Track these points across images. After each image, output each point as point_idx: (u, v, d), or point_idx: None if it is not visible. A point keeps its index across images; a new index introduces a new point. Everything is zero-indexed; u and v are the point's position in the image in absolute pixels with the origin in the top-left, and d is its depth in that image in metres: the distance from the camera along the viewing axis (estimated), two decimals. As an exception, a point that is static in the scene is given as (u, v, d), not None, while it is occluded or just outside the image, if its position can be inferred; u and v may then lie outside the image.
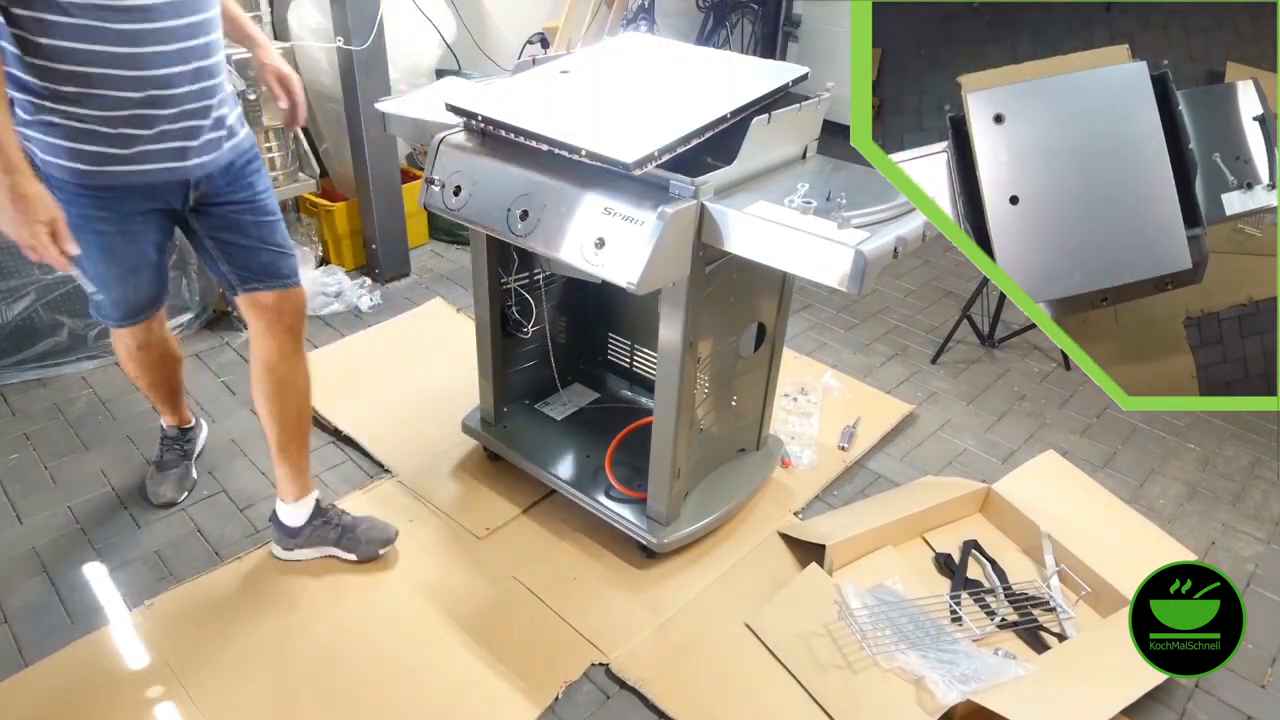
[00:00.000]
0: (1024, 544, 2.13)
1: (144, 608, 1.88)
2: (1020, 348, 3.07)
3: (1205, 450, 2.60)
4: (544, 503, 2.22)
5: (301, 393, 1.88)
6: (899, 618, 1.86)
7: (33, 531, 2.09)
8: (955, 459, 2.52)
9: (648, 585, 1.99)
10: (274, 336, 1.79)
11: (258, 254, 1.75)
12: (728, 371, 1.99)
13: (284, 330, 1.80)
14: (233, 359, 2.81)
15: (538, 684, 1.75)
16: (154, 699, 1.70)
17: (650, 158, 1.55)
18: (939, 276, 3.60)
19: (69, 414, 2.51)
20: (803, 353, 2.99)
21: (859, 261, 1.42)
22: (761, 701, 1.73)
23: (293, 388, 1.85)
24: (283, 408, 1.85)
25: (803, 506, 2.27)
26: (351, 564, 2.01)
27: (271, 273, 1.77)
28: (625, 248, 1.55)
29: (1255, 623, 1.96)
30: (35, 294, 2.56)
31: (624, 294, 1.64)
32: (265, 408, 1.85)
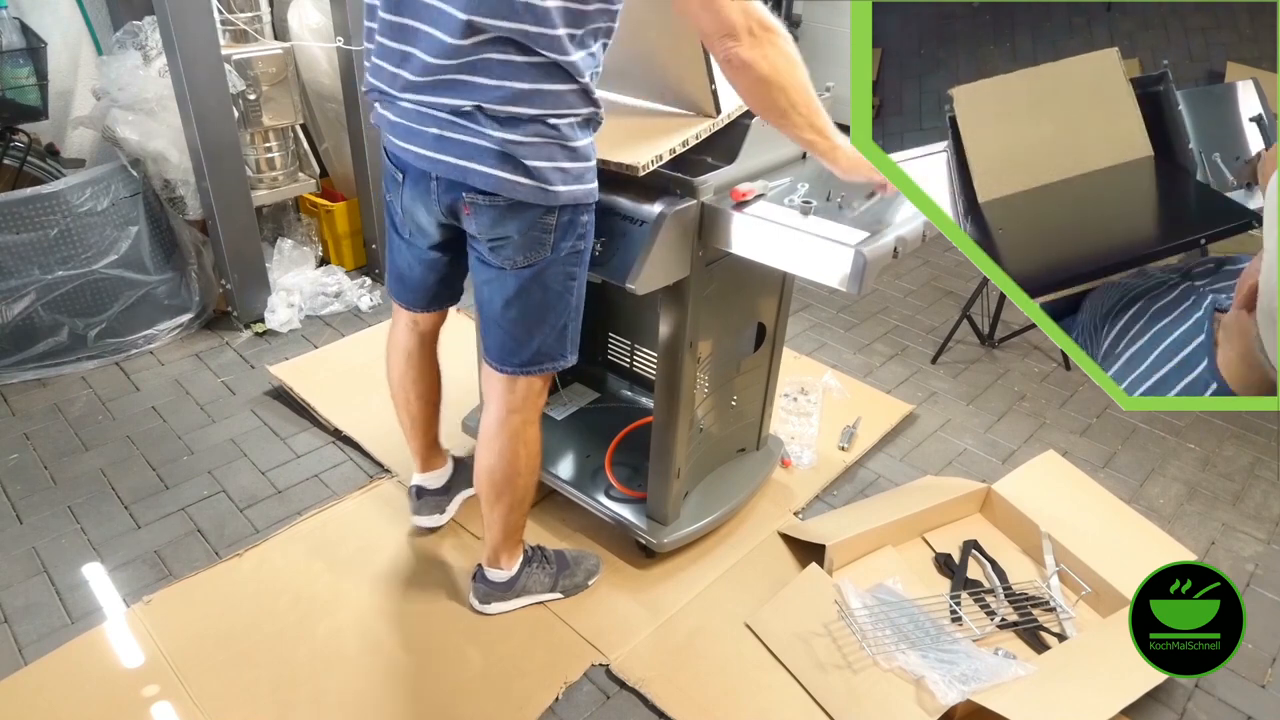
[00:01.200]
0: (1024, 544, 2.13)
1: (143, 604, 1.88)
2: (1020, 348, 3.07)
3: (1205, 450, 2.60)
4: (544, 503, 2.22)
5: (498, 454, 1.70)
6: (899, 618, 1.86)
7: (33, 531, 2.09)
8: (955, 459, 2.52)
9: (648, 585, 1.99)
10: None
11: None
12: (728, 371, 1.99)
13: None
14: (233, 359, 2.81)
15: (538, 684, 1.75)
16: (153, 697, 1.70)
17: (657, 159, 1.56)
18: (939, 276, 3.60)
19: (69, 414, 2.51)
20: (803, 353, 2.99)
21: (859, 261, 1.42)
22: (761, 701, 1.73)
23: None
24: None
25: (803, 506, 2.27)
26: (352, 564, 2.02)
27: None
28: (625, 248, 1.55)
29: (1255, 623, 1.96)
30: (35, 294, 2.56)
31: (624, 294, 1.63)
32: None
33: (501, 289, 1.52)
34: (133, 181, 2.71)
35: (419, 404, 1.92)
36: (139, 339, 2.80)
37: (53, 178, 2.79)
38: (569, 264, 1.51)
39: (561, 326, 1.57)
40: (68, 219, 2.55)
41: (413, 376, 1.89)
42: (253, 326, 2.95)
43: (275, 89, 2.86)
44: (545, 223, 1.45)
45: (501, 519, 1.77)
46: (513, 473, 1.70)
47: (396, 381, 1.90)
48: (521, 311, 1.53)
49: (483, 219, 1.45)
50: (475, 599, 1.90)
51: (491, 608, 1.90)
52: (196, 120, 2.58)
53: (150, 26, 2.69)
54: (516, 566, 1.87)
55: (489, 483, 1.72)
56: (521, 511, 1.79)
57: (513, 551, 1.86)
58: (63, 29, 2.97)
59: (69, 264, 2.58)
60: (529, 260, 1.48)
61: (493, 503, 1.75)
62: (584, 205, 1.48)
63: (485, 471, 1.71)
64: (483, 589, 1.88)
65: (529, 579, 1.89)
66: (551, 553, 1.95)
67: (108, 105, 2.70)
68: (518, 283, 1.50)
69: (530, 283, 1.50)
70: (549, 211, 1.44)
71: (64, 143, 3.05)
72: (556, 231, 1.46)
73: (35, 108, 2.78)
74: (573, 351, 1.63)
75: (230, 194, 2.76)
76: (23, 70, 2.71)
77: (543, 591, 1.92)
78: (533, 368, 1.60)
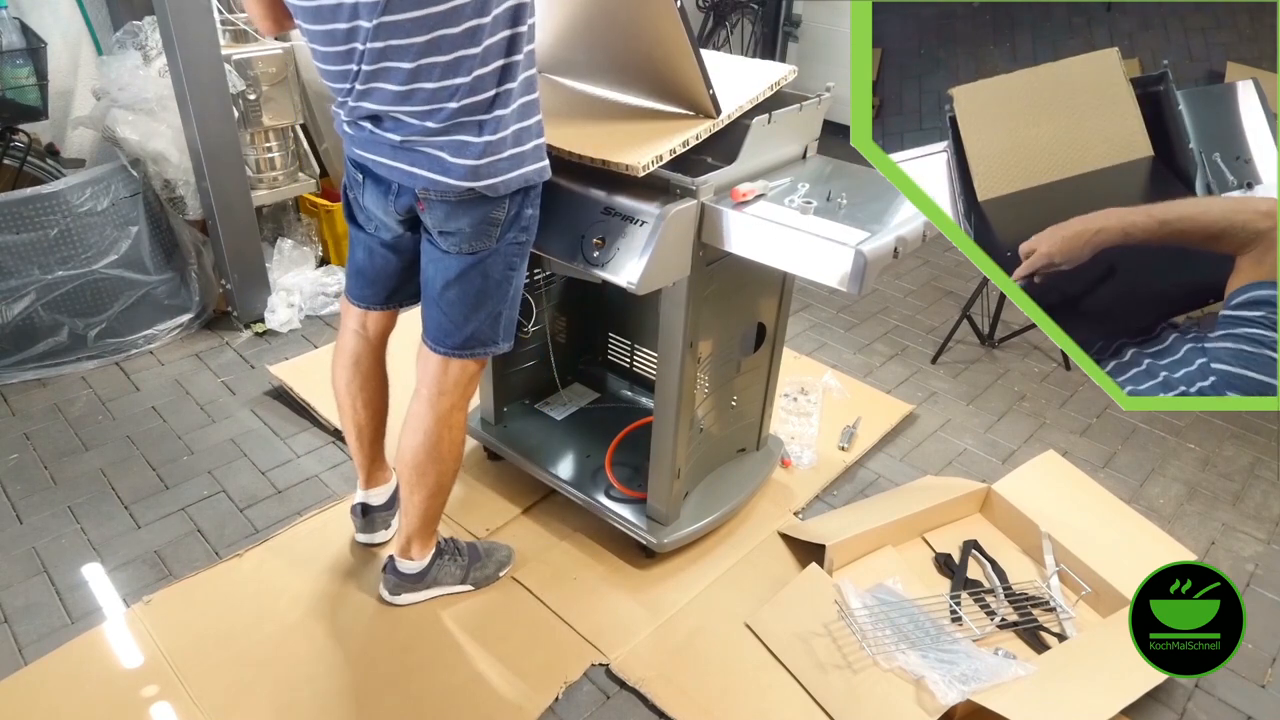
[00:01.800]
0: (1024, 544, 2.13)
1: (143, 604, 1.88)
2: (1020, 348, 3.07)
3: (1205, 450, 2.60)
4: (544, 503, 2.22)
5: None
6: (899, 618, 1.86)
7: (33, 531, 2.09)
8: (955, 459, 2.52)
9: (648, 585, 1.99)
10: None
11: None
12: (728, 371, 1.99)
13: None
14: (233, 359, 2.81)
15: (538, 684, 1.75)
16: (153, 697, 1.70)
17: (657, 159, 1.56)
18: (939, 276, 3.60)
19: (69, 414, 2.51)
20: (803, 353, 2.99)
21: (859, 261, 1.42)
22: (761, 701, 1.73)
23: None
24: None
25: (803, 506, 2.27)
26: (352, 564, 2.02)
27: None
28: (625, 248, 1.55)
29: (1255, 623, 1.96)
30: (35, 294, 2.56)
31: (624, 294, 1.64)
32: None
33: (444, 271, 1.58)
34: (133, 181, 2.70)
35: (365, 413, 1.91)
36: (139, 339, 2.80)
37: (53, 178, 2.79)
38: (511, 254, 1.58)
39: (496, 314, 1.63)
40: (68, 219, 2.55)
41: (359, 384, 1.88)
42: (253, 326, 2.95)
43: (275, 89, 2.86)
44: (495, 215, 1.51)
45: (420, 505, 1.78)
46: (436, 456, 1.72)
47: (342, 389, 1.89)
48: (460, 295, 1.59)
49: (437, 213, 1.52)
50: (385, 590, 1.91)
51: (402, 599, 1.91)
52: (196, 120, 2.58)
53: (150, 26, 2.69)
54: (428, 558, 1.88)
55: (412, 464, 1.73)
56: (440, 500, 1.81)
57: (425, 542, 1.87)
58: (63, 29, 2.97)
59: (69, 264, 2.58)
60: (474, 249, 1.54)
61: (413, 485, 1.76)
62: (530, 197, 1.54)
63: (409, 452, 1.73)
64: (393, 580, 1.90)
65: (440, 570, 1.91)
66: (464, 545, 1.97)
67: (108, 105, 2.70)
68: (460, 268, 1.56)
69: (472, 269, 1.56)
70: (498, 204, 1.49)
71: (64, 143, 3.05)
72: (504, 224, 1.53)
73: (35, 108, 2.78)
74: (506, 339, 1.68)
75: (230, 194, 2.76)
76: (23, 70, 2.71)
77: (453, 583, 1.94)
78: (466, 351, 1.64)
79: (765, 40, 5.15)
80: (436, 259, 1.59)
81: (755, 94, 1.74)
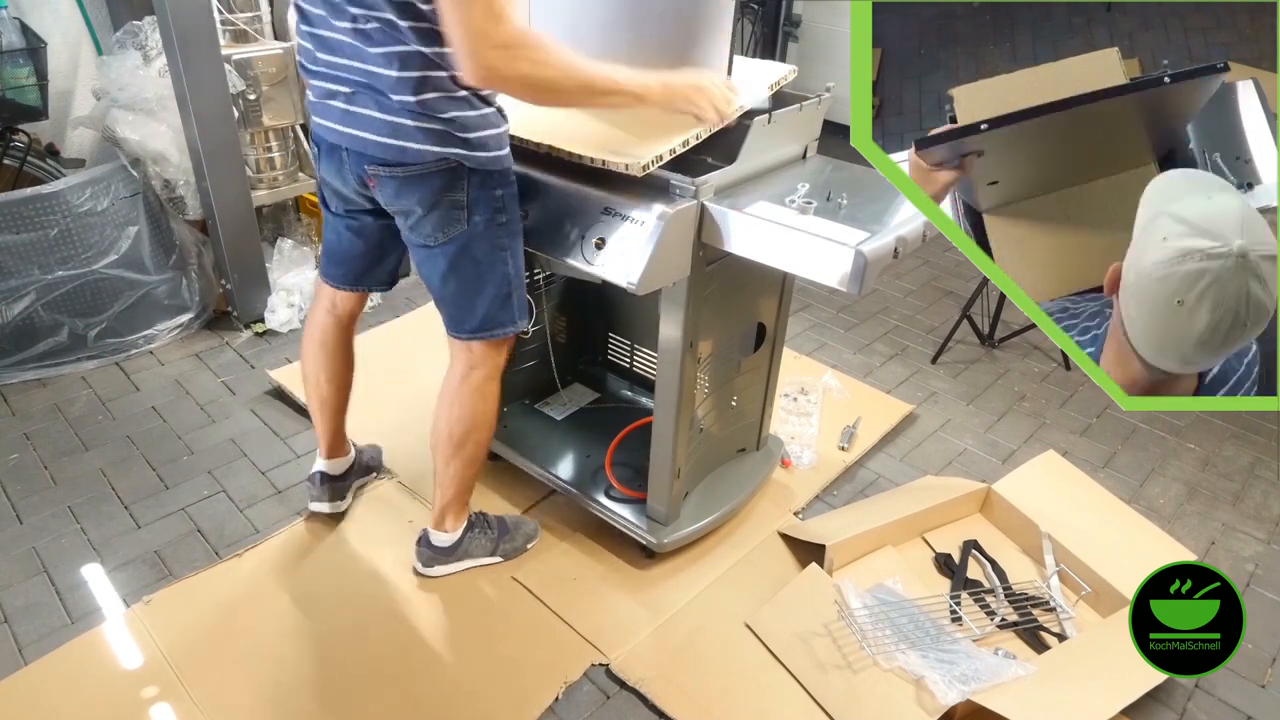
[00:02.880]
0: (1024, 544, 2.13)
1: (143, 604, 1.88)
2: (1020, 348, 3.07)
3: (1205, 450, 2.60)
4: (544, 503, 2.22)
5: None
6: (899, 618, 1.86)
7: (33, 531, 2.09)
8: (955, 459, 2.52)
9: (648, 585, 1.99)
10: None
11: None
12: (728, 371, 1.99)
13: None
14: (233, 359, 2.81)
15: (538, 684, 1.75)
16: (153, 697, 1.70)
17: (657, 159, 1.56)
18: (939, 276, 3.60)
19: (69, 414, 2.51)
20: (803, 353, 2.99)
21: (859, 261, 1.42)
22: (761, 701, 1.73)
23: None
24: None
25: (803, 506, 2.27)
26: (351, 564, 2.02)
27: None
28: (625, 248, 1.55)
29: (1255, 623, 1.96)
30: (35, 294, 2.56)
31: (624, 294, 1.64)
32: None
33: (435, 266, 1.61)
34: (133, 181, 2.70)
35: (329, 387, 1.97)
36: (139, 339, 2.80)
37: (53, 178, 2.79)
38: (493, 236, 1.58)
39: (504, 295, 1.65)
40: (68, 219, 2.55)
41: (323, 359, 1.94)
42: (253, 326, 2.95)
43: (275, 89, 2.86)
44: (453, 197, 1.51)
45: (456, 475, 1.83)
46: (473, 425, 1.77)
47: (309, 362, 1.96)
48: (459, 285, 1.62)
49: (386, 190, 1.54)
50: (419, 562, 1.97)
51: (434, 570, 1.97)
52: (196, 120, 2.58)
53: (150, 26, 2.68)
54: (460, 531, 1.94)
55: (448, 437, 1.78)
56: (475, 470, 1.86)
57: (460, 514, 1.93)
58: (63, 29, 2.97)
59: (69, 264, 2.58)
60: (448, 236, 1.56)
61: (449, 458, 1.81)
62: (494, 177, 1.53)
63: (445, 424, 1.77)
64: (427, 553, 1.96)
65: (471, 543, 1.96)
66: (493, 518, 2.03)
67: (108, 105, 2.70)
68: (446, 259, 1.59)
69: (458, 257, 1.58)
70: (453, 184, 1.50)
71: (64, 143, 3.05)
72: (469, 206, 1.53)
73: (35, 108, 2.78)
74: (522, 318, 1.71)
75: (230, 194, 2.76)
76: (23, 70, 2.71)
77: (484, 555, 2.00)
78: (483, 334, 1.68)
79: (765, 40, 5.16)
80: (424, 258, 1.62)
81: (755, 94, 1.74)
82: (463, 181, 1.51)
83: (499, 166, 1.53)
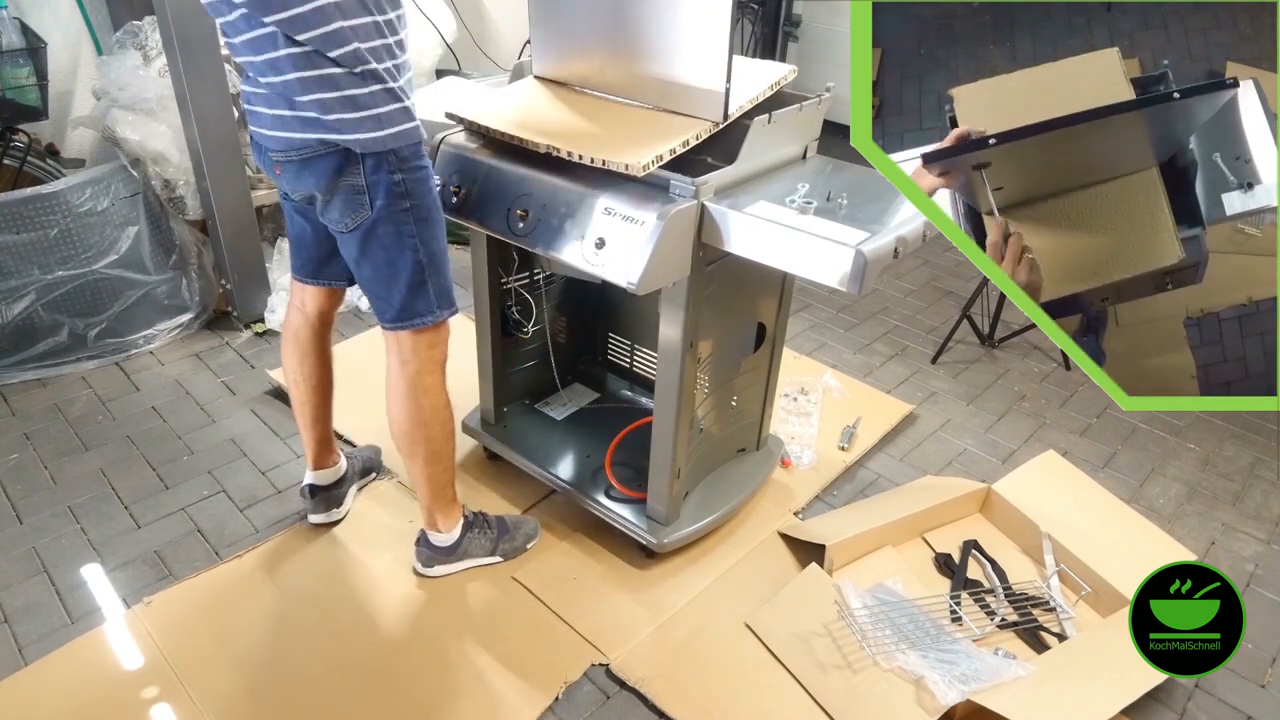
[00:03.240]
0: (1024, 544, 2.13)
1: (143, 604, 1.88)
2: (1020, 348, 3.07)
3: (1205, 450, 2.60)
4: (544, 503, 2.22)
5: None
6: (899, 618, 1.86)
7: (33, 531, 2.09)
8: (955, 459, 2.52)
9: (648, 585, 1.99)
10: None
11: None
12: (728, 371, 1.99)
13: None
14: (233, 359, 2.81)
15: (538, 684, 1.75)
16: (153, 698, 1.70)
17: (657, 159, 1.56)
18: (939, 276, 3.60)
19: (69, 414, 2.51)
20: (803, 353, 2.99)
21: (859, 261, 1.42)
22: (761, 701, 1.73)
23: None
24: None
25: (803, 506, 2.27)
26: (351, 564, 2.02)
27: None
28: (625, 248, 1.55)
29: (1255, 623, 1.96)
30: (35, 294, 2.56)
31: (624, 294, 1.64)
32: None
33: (349, 251, 1.62)
34: (133, 181, 2.70)
35: (306, 389, 1.95)
36: (139, 339, 2.80)
37: (53, 178, 2.79)
38: (398, 221, 1.55)
39: (418, 283, 1.62)
40: (68, 219, 2.55)
41: (298, 358, 1.93)
42: (253, 326, 2.95)
43: (275, 89, 2.86)
44: (350, 182, 1.50)
45: (423, 473, 1.82)
46: (419, 422, 1.75)
47: (287, 365, 1.95)
48: (372, 270, 1.61)
49: (288, 174, 1.55)
50: (418, 562, 1.97)
51: (434, 570, 1.97)
52: (196, 120, 2.58)
53: (150, 26, 2.69)
54: (458, 530, 1.94)
55: (400, 433, 1.78)
56: (441, 466, 1.84)
57: (447, 512, 1.91)
58: (63, 29, 2.97)
59: (69, 264, 2.58)
60: (355, 221, 1.54)
61: (410, 455, 1.80)
62: (390, 162, 1.50)
63: (394, 423, 1.78)
64: (426, 553, 1.96)
65: (471, 543, 1.97)
66: (493, 518, 2.02)
67: (108, 105, 2.70)
68: (356, 244, 1.58)
69: (365, 242, 1.57)
70: (348, 168, 1.48)
71: (64, 143, 3.05)
72: (369, 191, 1.51)
73: (35, 108, 2.77)
74: (442, 307, 1.67)
75: (230, 194, 2.76)
76: (23, 70, 2.71)
77: (483, 555, 2.00)
78: (405, 323, 1.65)
79: (765, 40, 5.16)
80: (341, 243, 1.62)
81: (755, 94, 1.74)
82: (357, 165, 1.49)
83: (387, 147, 1.48)
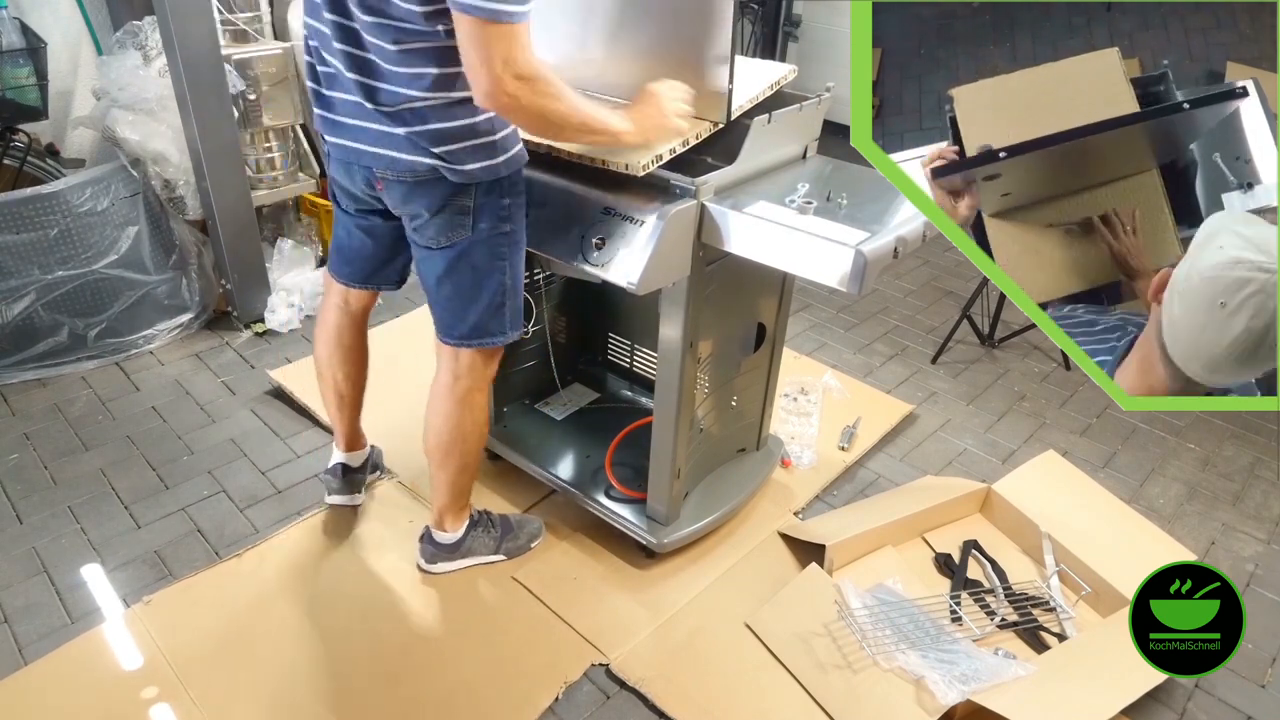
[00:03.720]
0: (1024, 544, 2.13)
1: (143, 604, 1.88)
2: (1020, 348, 3.07)
3: (1205, 450, 2.60)
4: (544, 503, 2.22)
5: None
6: (899, 618, 1.86)
7: (33, 531, 2.09)
8: (955, 459, 2.52)
9: (648, 585, 1.99)
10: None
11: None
12: (728, 371, 1.99)
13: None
14: (233, 359, 2.81)
15: (538, 684, 1.75)
16: (153, 698, 1.70)
17: (657, 159, 1.56)
18: (939, 276, 3.60)
19: (69, 414, 2.51)
20: (803, 353, 2.99)
21: (859, 261, 1.42)
22: (761, 701, 1.73)
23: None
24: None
25: (803, 506, 2.27)
26: (351, 564, 2.02)
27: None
28: (625, 248, 1.55)
29: (1255, 623, 1.96)
30: (35, 294, 2.56)
31: (624, 294, 1.64)
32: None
33: (433, 267, 1.62)
34: (133, 181, 2.70)
35: (346, 384, 1.99)
36: (139, 339, 2.80)
37: (53, 178, 2.79)
38: (495, 244, 1.58)
39: (497, 304, 1.65)
40: (68, 219, 2.55)
41: (340, 357, 1.95)
42: (253, 326, 2.95)
43: (275, 89, 2.86)
44: (460, 203, 1.52)
45: (449, 481, 1.85)
46: (459, 436, 1.78)
47: (324, 360, 1.97)
48: (454, 289, 1.62)
49: (394, 194, 1.55)
50: (422, 559, 1.99)
51: (437, 567, 1.99)
52: (196, 120, 2.58)
53: (150, 26, 2.68)
54: (462, 529, 1.95)
55: (436, 444, 1.80)
56: (468, 475, 1.88)
57: (458, 515, 1.94)
58: (63, 29, 2.97)
59: (69, 264, 2.58)
60: (450, 240, 1.56)
61: (440, 463, 1.82)
62: (502, 187, 1.54)
63: (433, 433, 1.79)
64: (430, 549, 1.98)
65: (474, 541, 1.98)
66: (497, 517, 2.04)
67: (108, 105, 2.70)
68: (445, 262, 1.59)
69: (457, 261, 1.58)
70: (461, 191, 1.50)
71: (64, 143, 3.05)
72: (475, 213, 1.53)
73: (35, 108, 2.78)
74: (513, 328, 1.71)
75: (230, 194, 2.76)
76: (23, 70, 2.71)
77: (487, 553, 2.01)
78: (472, 341, 1.67)
79: (765, 40, 5.16)
80: (423, 257, 1.63)
81: (755, 94, 1.74)
82: (471, 188, 1.51)
83: (500, 175, 1.53)
